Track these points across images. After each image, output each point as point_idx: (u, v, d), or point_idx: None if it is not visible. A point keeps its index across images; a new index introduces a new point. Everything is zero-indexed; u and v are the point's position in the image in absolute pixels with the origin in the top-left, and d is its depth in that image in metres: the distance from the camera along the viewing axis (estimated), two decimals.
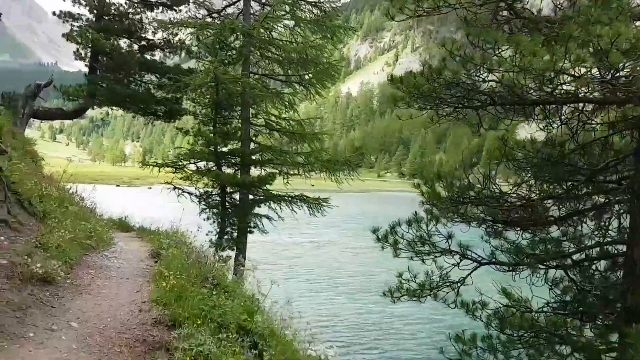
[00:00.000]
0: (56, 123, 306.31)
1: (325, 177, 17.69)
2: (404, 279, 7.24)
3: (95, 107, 20.18)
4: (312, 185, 18.42)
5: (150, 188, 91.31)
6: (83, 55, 19.12)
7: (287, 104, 17.10)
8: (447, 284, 6.88)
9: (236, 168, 17.45)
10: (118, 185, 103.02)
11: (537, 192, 7.34)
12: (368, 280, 21.75)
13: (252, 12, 17.73)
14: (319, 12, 17.14)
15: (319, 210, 17.76)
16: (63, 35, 18.13)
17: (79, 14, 18.51)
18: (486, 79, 6.43)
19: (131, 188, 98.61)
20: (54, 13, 19.27)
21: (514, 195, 7.18)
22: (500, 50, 5.99)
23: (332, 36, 16.92)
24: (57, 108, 21.84)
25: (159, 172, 17.43)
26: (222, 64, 14.94)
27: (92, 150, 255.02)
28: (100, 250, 8.75)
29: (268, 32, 16.92)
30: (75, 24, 18.33)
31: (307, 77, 17.63)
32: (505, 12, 6.63)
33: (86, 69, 19.81)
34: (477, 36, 5.94)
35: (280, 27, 18.23)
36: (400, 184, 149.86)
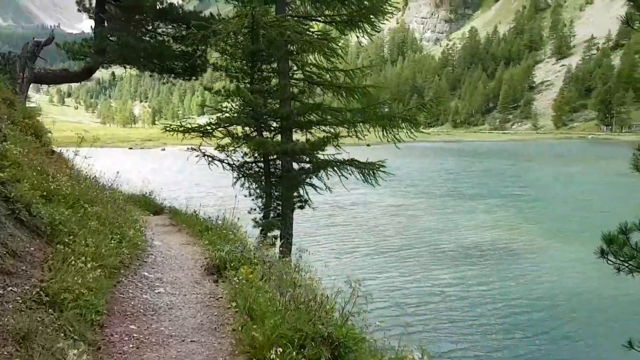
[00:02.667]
0: (64, 86, 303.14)
1: (382, 136, 14.97)
2: None
3: (104, 66, 17.28)
4: (368, 145, 15.65)
5: (164, 150, 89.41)
6: (87, 4, 16.12)
7: (337, 50, 14.04)
8: None
9: (275, 132, 14.68)
10: (131, 148, 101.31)
11: None
12: (434, 251, 19.02)
13: None
14: None
15: (373, 177, 15.01)
16: None
17: None
18: None
19: (144, 150, 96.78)
20: None
21: None
22: None
23: None
24: (61, 69, 18.89)
25: (183, 137, 14.68)
26: (260, 3, 11.90)
27: (101, 112, 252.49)
28: (136, 267, 6.19)
29: None
30: None
31: (355, 15, 14.48)
32: None
33: (92, 28, 16.79)
34: None
35: None
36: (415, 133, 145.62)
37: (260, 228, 13.54)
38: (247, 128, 13.99)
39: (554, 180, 43.03)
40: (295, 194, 14.68)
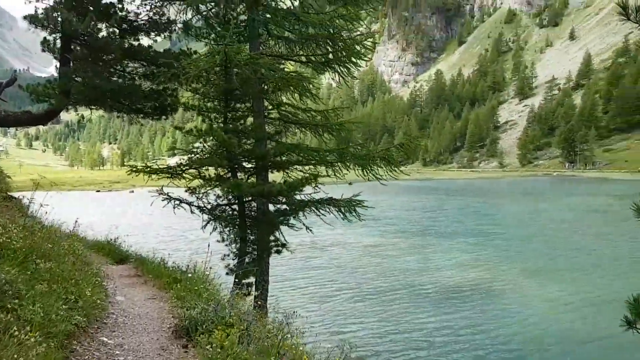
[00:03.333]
0: (32, 129, 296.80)
1: (360, 174, 14.60)
2: None
3: (70, 107, 16.54)
4: (350, 184, 15.23)
5: (132, 192, 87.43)
6: (52, 43, 15.48)
7: (313, 91, 13.74)
8: None
9: (250, 173, 14.11)
10: (98, 191, 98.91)
11: None
12: (417, 294, 18.24)
13: None
14: None
15: (353, 214, 14.49)
16: (25, 17, 14.45)
17: None
18: None
19: (112, 193, 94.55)
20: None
21: None
22: None
23: (365, 3, 13.52)
24: (24, 111, 18.03)
25: (149, 177, 13.89)
26: (233, 42, 11.53)
27: (70, 155, 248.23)
28: (93, 331, 5.41)
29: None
30: (41, 5, 14.63)
31: (331, 56, 14.30)
32: None
33: (56, 67, 16.12)
34: None
35: None
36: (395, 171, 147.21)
37: (234, 275, 12.75)
38: (220, 169, 13.37)
39: (526, 218, 43.41)
40: (272, 237, 14.02)
